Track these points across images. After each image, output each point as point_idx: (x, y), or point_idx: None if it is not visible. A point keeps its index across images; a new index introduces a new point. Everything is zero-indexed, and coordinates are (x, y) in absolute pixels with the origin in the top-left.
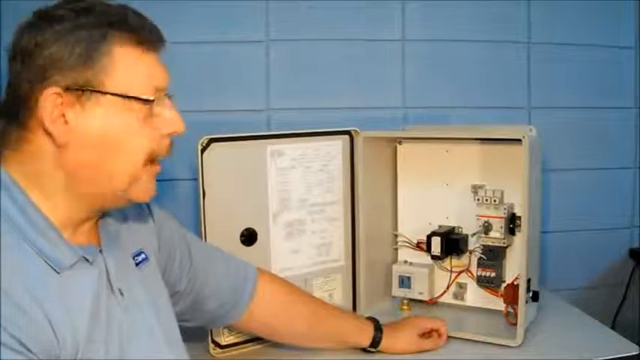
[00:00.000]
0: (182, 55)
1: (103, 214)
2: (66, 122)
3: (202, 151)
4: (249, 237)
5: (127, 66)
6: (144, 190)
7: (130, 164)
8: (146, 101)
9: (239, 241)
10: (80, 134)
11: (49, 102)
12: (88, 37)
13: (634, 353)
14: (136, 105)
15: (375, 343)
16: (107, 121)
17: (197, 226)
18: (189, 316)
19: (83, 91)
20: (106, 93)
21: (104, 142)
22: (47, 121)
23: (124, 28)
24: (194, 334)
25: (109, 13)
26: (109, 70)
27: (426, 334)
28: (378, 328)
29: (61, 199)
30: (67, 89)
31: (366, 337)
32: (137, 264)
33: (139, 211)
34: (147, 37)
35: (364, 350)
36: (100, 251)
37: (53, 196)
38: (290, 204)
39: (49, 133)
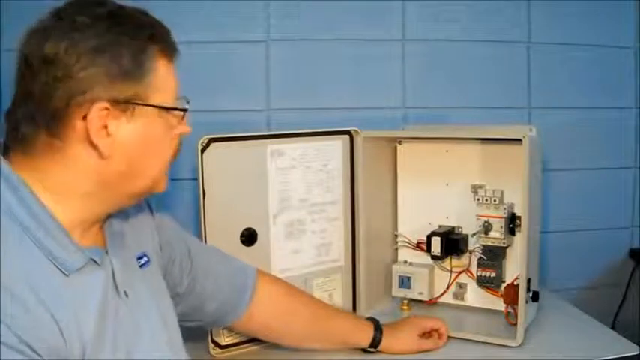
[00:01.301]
0: (182, 55)
1: (109, 216)
2: (108, 134)
3: (202, 151)
4: (249, 237)
5: (164, 77)
6: (164, 185)
7: (161, 168)
8: (182, 110)
9: (239, 241)
10: (121, 145)
11: (97, 116)
12: (132, 51)
13: (634, 353)
14: (169, 114)
15: (375, 343)
16: (147, 131)
17: (197, 226)
18: (189, 317)
19: (130, 104)
20: (154, 106)
21: (142, 150)
22: (93, 134)
23: (159, 40)
24: (194, 334)
25: (140, 23)
26: (153, 84)
27: (426, 334)
28: (378, 328)
29: (79, 204)
30: (114, 102)
31: (365, 337)
32: (141, 266)
33: (140, 213)
34: (173, 46)
35: (364, 350)
36: (106, 252)
37: (71, 201)
38: (290, 204)
39: (94, 146)
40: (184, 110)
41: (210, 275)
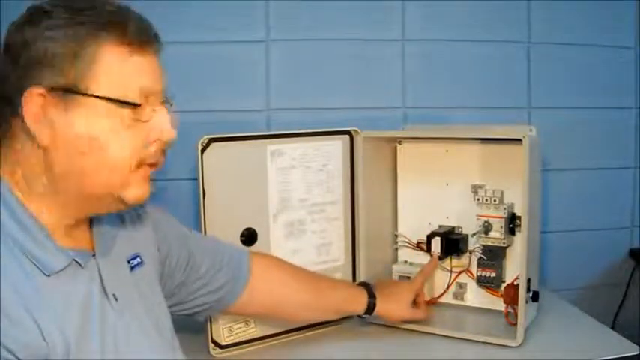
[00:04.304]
0: (182, 55)
1: (99, 219)
2: (49, 123)
3: (202, 151)
4: (249, 237)
5: (113, 68)
6: (135, 195)
7: (116, 170)
8: (131, 105)
9: (239, 241)
10: (63, 136)
11: (33, 102)
12: (76, 37)
13: (634, 353)
14: (121, 109)
15: (370, 310)
16: (90, 124)
17: (197, 226)
18: (194, 302)
19: (67, 92)
20: (89, 95)
21: (86, 145)
22: (30, 121)
23: (114, 29)
24: (194, 334)
25: (101, 12)
26: (94, 72)
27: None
28: (372, 294)
29: (49, 203)
30: (51, 89)
31: (360, 305)
32: (132, 268)
33: (135, 213)
34: (137, 38)
35: (359, 317)
36: (94, 256)
37: (41, 200)
38: (290, 204)
39: (31, 134)
40: (130, 104)
41: (207, 257)
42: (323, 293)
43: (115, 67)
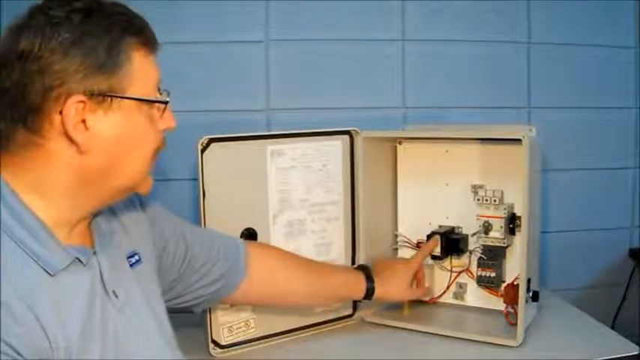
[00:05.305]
0: (182, 55)
1: (95, 215)
2: (86, 128)
3: (202, 151)
4: (249, 237)
5: (141, 69)
6: (148, 183)
7: (143, 163)
8: (161, 103)
9: None
10: (99, 139)
11: (73, 109)
12: (106, 43)
13: (634, 353)
14: (149, 107)
15: (369, 294)
16: (126, 125)
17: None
18: (193, 295)
19: (106, 97)
20: (130, 98)
21: (122, 144)
22: (70, 127)
23: (135, 32)
24: (194, 334)
25: (115, 15)
26: (130, 76)
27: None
28: (370, 278)
29: (63, 201)
30: (91, 95)
31: (360, 290)
32: (131, 265)
33: (131, 210)
34: (151, 38)
35: (359, 302)
36: (94, 253)
37: (55, 199)
38: (290, 204)
39: (70, 140)
40: (164, 102)
41: (204, 251)
42: (322, 279)
43: (141, 68)
